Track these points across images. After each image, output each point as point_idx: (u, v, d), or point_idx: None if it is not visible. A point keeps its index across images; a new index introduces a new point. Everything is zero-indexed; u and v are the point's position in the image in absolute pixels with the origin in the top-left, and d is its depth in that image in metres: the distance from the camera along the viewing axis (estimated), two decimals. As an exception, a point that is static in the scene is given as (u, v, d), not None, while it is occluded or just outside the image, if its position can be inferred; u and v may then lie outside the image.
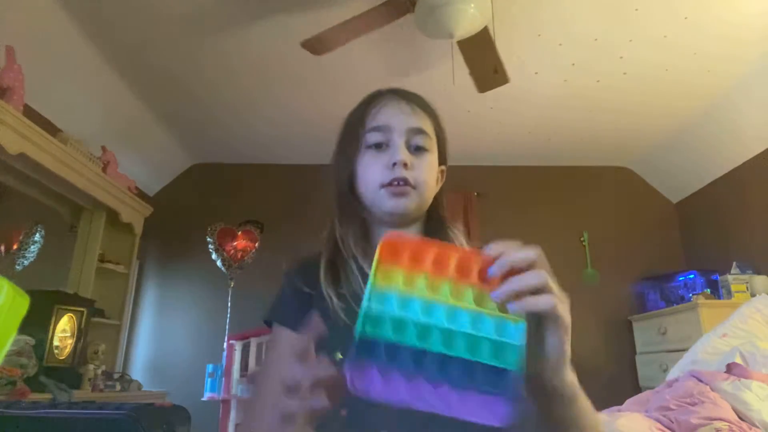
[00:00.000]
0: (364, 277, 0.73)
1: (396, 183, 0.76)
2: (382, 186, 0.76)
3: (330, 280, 0.75)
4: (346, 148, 0.82)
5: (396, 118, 0.79)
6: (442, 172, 0.86)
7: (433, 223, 0.84)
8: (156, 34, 2.57)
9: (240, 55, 2.73)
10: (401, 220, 0.80)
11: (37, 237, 2.68)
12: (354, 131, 0.81)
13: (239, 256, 3.51)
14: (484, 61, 2.29)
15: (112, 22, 2.47)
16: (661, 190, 4.08)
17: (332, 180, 0.84)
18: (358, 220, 0.80)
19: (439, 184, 0.85)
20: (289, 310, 0.78)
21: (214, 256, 3.53)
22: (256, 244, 3.55)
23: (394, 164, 0.76)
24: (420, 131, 0.79)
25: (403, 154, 0.76)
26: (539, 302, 0.46)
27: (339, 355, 0.68)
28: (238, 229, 3.57)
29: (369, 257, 0.75)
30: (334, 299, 0.72)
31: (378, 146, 0.78)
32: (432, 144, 0.81)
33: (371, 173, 0.78)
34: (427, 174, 0.79)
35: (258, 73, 2.89)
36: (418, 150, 0.78)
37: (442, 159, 0.85)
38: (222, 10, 2.40)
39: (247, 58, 2.76)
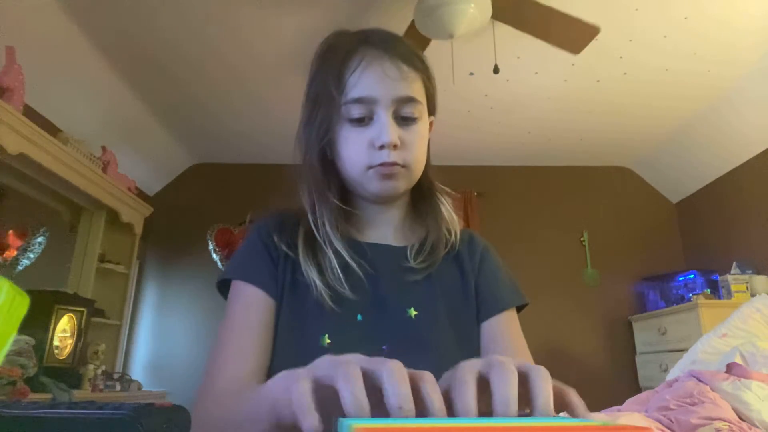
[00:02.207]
0: (341, 263, 0.67)
1: (385, 165, 0.66)
2: (369, 168, 0.67)
3: (311, 259, 0.67)
4: (319, 115, 0.69)
5: (380, 87, 0.66)
6: (430, 123, 0.75)
7: (422, 193, 0.77)
8: (156, 34, 2.57)
9: (242, 53, 2.73)
10: (389, 200, 0.73)
11: (41, 239, 2.68)
12: (328, 96, 0.67)
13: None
14: (559, 25, 2.15)
15: (113, 22, 2.47)
16: (661, 190, 4.08)
17: (300, 152, 0.72)
18: (333, 203, 0.69)
19: (428, 139, 0.75)
20: (259, 267, 0.68)
21: (214, 256, 3.53)
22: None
23: (381, 146, 0.65)
24: (409, 100, 0.67)
25: (392, 135, 0.65)
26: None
27: (327, 340, 0.64)
28: (235, 228, 3.57)
29: (348, 240, 0.69)
30: (318, 283, 0.66)
31: (360, 120, 0.66)
32: (422, 109, 0.70)
33: (354, 152, 0.67)
34: (418, 148, 0.69)
35: (259, 71, 2.89)
36: (406, 120, 0.68)
37: (431, 109, 0.74)
38: (223, 8, 2.40)
39: (249, 56, 2.76)
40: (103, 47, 2.64)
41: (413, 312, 0.68)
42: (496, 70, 2.29)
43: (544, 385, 0.36)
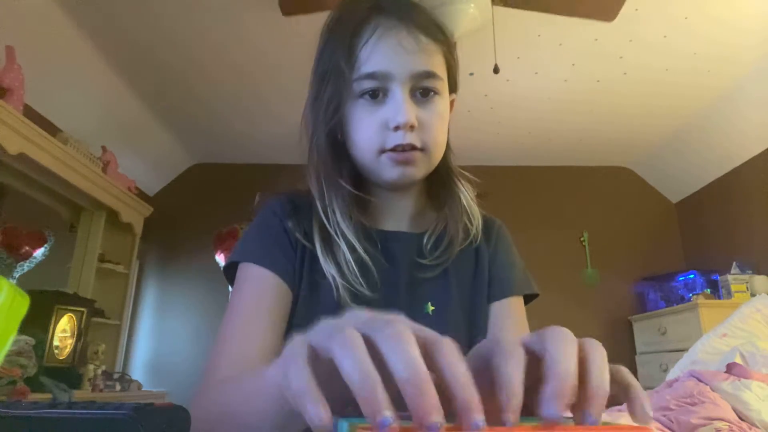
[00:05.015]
0: (356, 258, 0.62)
1: (400, 149, 0.60)
2: (383, 152, 0.61)
3: (329, 255, 0.62)
4: (327, 92, 0.62)
5: (396, 62, 0.59)
6: (451, 102, 0.69)
7: (438, 176, 0.71)
8: (156, 33, 2.57)
9: (242, 52, 2.73)
10: (405, 187, 0.67)
11: (48, 244, 2.68)
12: (338, 71, 0.61)
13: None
14: None
15: (112, 21, 2.47)
16: (661, 190, 4.08)
17: (307, 134, 0.66)
18: (345, 189, 0.63)
19: (448, 118, 0.68)
20: (275, 251, 0.63)
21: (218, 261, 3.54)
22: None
23: (396, 127, 0.59)
24: (428, 75, 0.60)
25: (408, 114, 0.58)
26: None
27: None
28: (224, 229, 3.57)
29: (361, 229, 0.64)
30: (339, 280, 0.60)
31: (373, 95, 0.60)
32: (443, 85, 0.63)
33: (366, 134, 0.61)
34: (438, 128, 0.62)
35: (260, 70, 2.89)
36: (425, 94, 0.61)
37: (453, 86, 0.68)
38: (225, 7, 2.40)
39: (250, 55, 2.75)
40: (103, 47, 2.64)
41: (430, 307, 0.66)
42: (496, 70, 2.29)
43: (600, 358, 0.31)
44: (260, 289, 0.61)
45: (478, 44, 2.49)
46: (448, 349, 0.28)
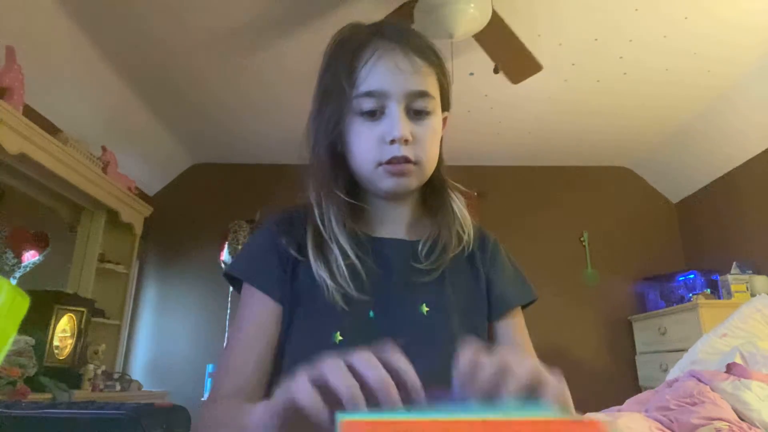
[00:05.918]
0: (349, 262, 0.66)
1: (395, 161, 0.65)
2: (379, 164, 0.66)
3: (321, 260, 0.66)
4: (329, 108, 0.68)
5: (392, 81, 0.65)
6: (444, 119, 0.74)
7: (432, 188, 0.75)
8: (156, 34, 2.57)
9: (242, 54, 2.73)
10: (399, 197, 0.72)
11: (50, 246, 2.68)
12: (339, 89, 0.66)
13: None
14: (508, 51, 2.25)
15: (112, 21, 2.47)
16: (661, 190, 4.08)
17: (308, 146, 0.71)
18: (340, 198, 0.68)
19: (441, 135, 0.73)
20: (267, 271, 0.68)
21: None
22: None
23: (392, 141, 0.64)
24: (422, 94, 0.66)
25: (403, 130, 0.64)
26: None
27: (339, 337, 0.64)
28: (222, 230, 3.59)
29: (357, 236, 0.68)
30: (329, 283, 0.65)
31: (371, 113, 0.66)
32: (435, 104, 0.69)
33: (364, 148, 0.66)
34: (430, 144, 0.68)
35: (260, 71, 2.89)
36: (418, 114, 0.67)
37: (445, 105, 0.73)
38: (223, 6, 2.39)
39: (249, 56, 2.75)
40: (103, 47, 2.64)
41: (425, 308, 0.68)
42: (496, 70, 2.29)
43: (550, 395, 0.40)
44: (256, 315, 0.67)
45: (478, 44, 2.50)
46: (396, 354, 0.40)
